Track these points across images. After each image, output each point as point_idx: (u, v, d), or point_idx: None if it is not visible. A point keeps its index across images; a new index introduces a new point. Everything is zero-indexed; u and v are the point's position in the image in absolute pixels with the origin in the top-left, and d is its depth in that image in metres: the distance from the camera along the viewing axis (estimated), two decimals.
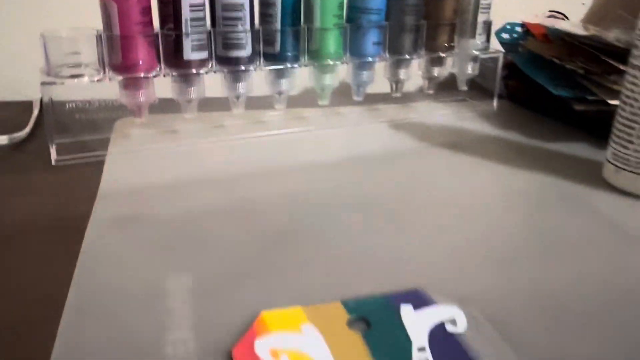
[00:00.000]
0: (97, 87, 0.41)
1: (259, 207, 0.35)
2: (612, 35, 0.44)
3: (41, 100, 0.51)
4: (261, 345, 0.23)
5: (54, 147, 0.40)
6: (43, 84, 0.38)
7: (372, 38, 0.47)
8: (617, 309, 0.26)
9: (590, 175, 0.40)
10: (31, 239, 0.31)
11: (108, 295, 0.26)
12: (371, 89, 0.51)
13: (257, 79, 0.46)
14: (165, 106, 0.45)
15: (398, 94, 0.52)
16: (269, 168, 0.41)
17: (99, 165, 0.40)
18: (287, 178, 0.39)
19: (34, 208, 0.34)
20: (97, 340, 0.23)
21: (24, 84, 0.54)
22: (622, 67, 0.42)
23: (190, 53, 0.41)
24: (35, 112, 0.49)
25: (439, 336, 0.24)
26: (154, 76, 0.41)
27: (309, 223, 0.33)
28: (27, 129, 0.46)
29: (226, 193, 0.37)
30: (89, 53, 0.40)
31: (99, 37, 0.39)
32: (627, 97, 0.37)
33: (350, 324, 0.24)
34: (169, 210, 0.34)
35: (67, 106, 0.43)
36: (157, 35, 0.41)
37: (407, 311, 0.25)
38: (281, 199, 0.36)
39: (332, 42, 0.46)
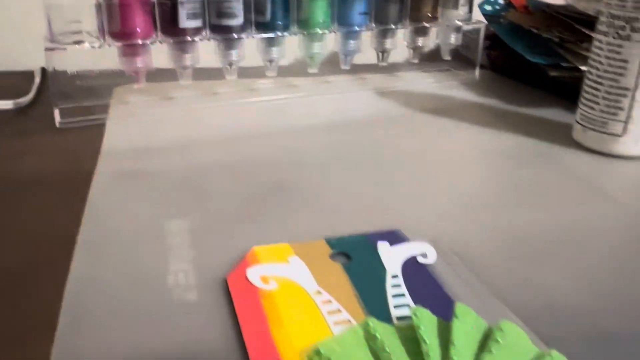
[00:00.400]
0: (97, 54, 0.43)
1: (252, 164, 0.38)
2: (582, 4, 0.46)
3: (43, 69, 0.53)
4: (252, 273, 0.25)
5: (57, 110, 0.43)
6: (47, 49, 0.40)
7: (358, 8, 0.49)
8: (575, 247, 0.29)
9: (562, 136, 0.43)
10: (41, 192, 0.34)
11: (114, 236, 0.29)
12: (359, 60, 0.54)
13: (249, 49, 0.48)
14: (162, 75, 0.47)
15: (384, 63, 0.54)
16: (261, 130, 0.43)
17: (100, 128, 0.43)
18: (278, 139, 0.42)
19: (42, 165, 0.37)
20: (106, 274, 0.26)
21: (25, 55, 0.56)
22: (592, 34, 0.45)
23: (185, 21, 0.43)
24: (37, 79, 0.52)
25: (411, 266, 0.27)
26: (151, 43, 0.44)
27: (299, 176, 0.36)
28: (31, 95, 0.48)
29: (222, 152, 0.39)
30: (89, 21, 0.42)
31: (98, 6, 0.42)
32: (594, 60, 0.39)
33: (333, 257, 0.27)
34: (168, 166, 0.37)
35: (69, 73, 0.46)
36: (153, 4, 0.43)
37: (383, 246, 0.28)
38: (273, 157, 0.39)
39: (320, 11, 0.48)
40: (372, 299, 0.24)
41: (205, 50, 0.47)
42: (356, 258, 0.27)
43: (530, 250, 0.29)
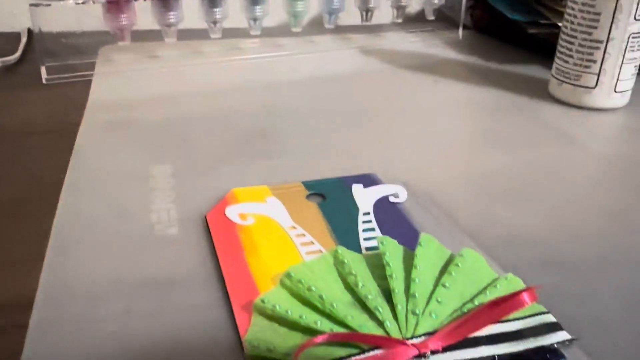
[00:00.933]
0: (82, 13, 0.44)
1: (235, 115, 0.39)
2: None
3: (29, 30, 0.53)
4: (231, 211, 0.27)
5: (44, 67, 0.43)
6: (31, 5, 0.41)
7: None
8: (540, 186, 0.30)
9: (539, 90, 0.44)
10: (30, 140, 0.35)
11: (100, 178, 0.30)
12: (343, 21, 0.54)
13: (234, 10, 0.49)
14: (147, 36, 0.48)
15: (368, 23, 0.55)
16: (245, 85, 0.44)
17: (86, 83, 0.43)
18: (262, 93, 0.43)
19: (30, 117, 0.38)
20: (92, 210, 0.27)
21: (11, 17, 0.56)
22: None
23: None
24: (24, 40, 0.52)
25: (383, 205, 0.28)
26: (135, 0, 0.44)
27: (279, 126, 0.37)
28: (18, 54, 0.48)
29: (206, 104, 0.40)
30: None
31: None
32: (569, 15, 0.40)
33: (308, 197, 0.29)
34: (154, 117, 0.38)
35: (54, 32, 0.46)
36: None
37: (357, 188, 0.29)
38: (255, 109, 0.40)
39: None
40: (344, 233, 0.26)
41: (190, 12, 0.47)
42: (331, 198, 0.28)
43: (498, 189, 0.30)
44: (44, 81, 0.43)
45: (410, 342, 0.19)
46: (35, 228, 0.26)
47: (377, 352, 0.19)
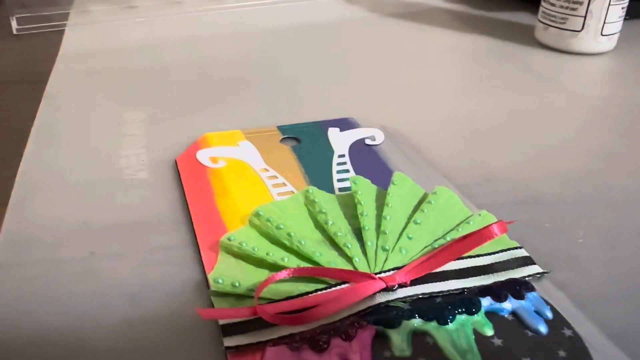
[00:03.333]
0: None
1: (213, 63, 0.37)
2: None
3: None
4: (202, 154, 0.26)
5: (14, 18, 0.42)
6: None
7: None
8: (520, 129, 0.30)
9: (526, 37, 0.43)
10: (1, 87, 0.34)
11: (70, 123, 0.29)
12: None
13: None
14: None
15: None
16: (225, 34, 0.43)
17: (59, 34, 0.42)
18: (241, 42, 0.42)
19: (1, 66, 0.37)
20: (60, 155, 0.27)
21: None
22: None
23: None
24: None
25: (359, 148, 0.27)
26: None
27: (259, 73, 0.36)
28: None
29: (183, 53, 0.39)
30: None
31: None
32: None
33: (283, 141, 0.28)
34: (128, 67, 0.37)
35: None
36: None
37: (333, 131, 0.29)
38: (235, 57, 0.39)
39: None
40: (317, 175, 0.25)
41: None
42: (305, 141, 0.28)
43: (479, 132, 0.29)
44: (14, 32, 0.42)
45: (377, 276, 0.18)
46: (1, 174, 0.25)
47: (344, 286, 0.18)
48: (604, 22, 0.38)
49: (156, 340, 0.17)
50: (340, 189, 0.24)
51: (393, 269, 0.19)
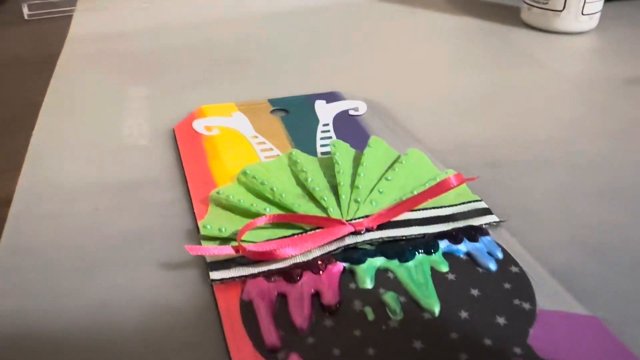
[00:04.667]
0: None
1: (213, 45, 0.40)
2: None
3: None
4: (197, 123, 0.29)
5: (25, 5, 0.45)
6: None
7: None
8: (499, 103, 0.32)
9: (512, 17, 0.45)
10: (12, 71, 0.36)
11: (77, 99, 0.32)
12: None
13: None
14: None
15: None
16: (225, 19, 0.45)
17: (67, 19, 0.45)
18: (239, 26, 0.44)
19: (13, 51, 0.39)
20: (68, 125, 0.29)
21: None
22: None
23: None
24: None
25: (342, 118, 0.30)
26: None
27: (255, 53, 0.38)
28: None
29: (185, 36, 0.41)
30: None
31: None
32: None
33: (273, 112, 0.30)
34: (132, 48, 0.39)
35: None
36: None
37: (320, 103, 0.31)
38: (233, 39, 0.41)
39: None
40: (302, 141, 0.27)
41: None
42: (294, 112, 0.30)
43: (456, 105, 0.32)
44: (25, 17, 0.44)
45: (348, 222, 0.21)
46: (16, 144, 0.28)
47: (318, 230, 0.20)
48: (585, 2, 0.40)
49: (151, 276, 0.19)
50: (322, 153, 0.26)
51: (363, 217, 0.21)
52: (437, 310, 0.18)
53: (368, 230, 0.20)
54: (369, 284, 0.19)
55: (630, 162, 0.26)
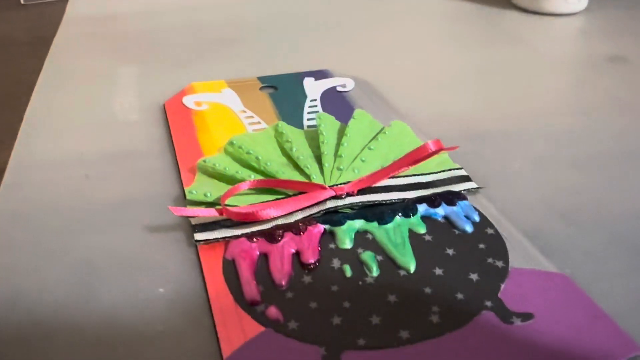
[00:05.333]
0: None
1: (202, 26, 0.40)
2: None
3: None
4: (188, 99, 0.29)
5: None
6: None
7: None
8: (482, 79, 0.32)
9: (503, 1, 0.46)
10: (9, 51, 0.37)
11: (70, 77, 0.32)
12: None
13: None
14: None
15: None
16: (217, 2, 0.46)
17: (63, 3, 0.45)
18: (231, 8, 0.44)
19: (10, 33, 0.40)
20: (61, 100, 0.30)
21: None
22: None
23: None
24: None
25: (330, 94, 0.30)
26: None
27: (244, 33, 0.39)
28: None
29: (179, 18, 0.42)
30: None
31: None
32: None
33: (262, 89, 0.31)
34: (125, 30, 0.40)
35: None
36: None
37: (309, 80, 0.31)
38: (225, 21, 0.41)
39: None
40: (290, 116, 0.28)
41: None
42: (282, 89, 0.31)
43: (441, 81, 0.32)
44: (22, 1, 0.45)
45: (329, 187, 0.21)
46: (11, 118, 0.29)
47: (300, 195, 0.21)
48: None
49: (137, 237, 0.20)
50: (309, 126, 0.27)
51: (345, 183, 0.22)
52: (412, 267, 0.18)
53: (349, 195, 0.21)
54: (348, 245, 0.19)
55: (603, 133, 0.27)
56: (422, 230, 0.20)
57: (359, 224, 0.20)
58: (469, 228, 0.20)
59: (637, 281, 0.18)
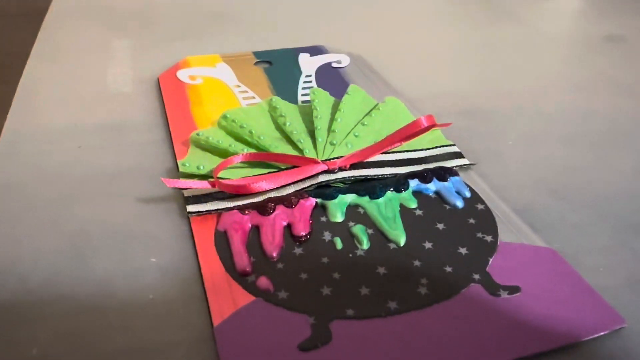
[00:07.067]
0: None
1: (200, 1, 0.40)
2: None
3: None
4: (182, 73, 0.29)
5: None
6: None
7: None
8: (477, 56, 0.32)
9: None
10: (2, 22, 0.37)
11: (63, 50, 0.32)
12: None
13: None
14: None
15: None
16: None
17: None
18: None
19: (2, 3, 0.40)
20: (54, 73, 0.30)
21: None
22: None
23: None
24: None
25: (325, 69, 0.30)
26: None
27: (241, 9, 0.39)
28: None
29: None
30: None
31: None
32: None
33: (257, 64, 0.31)
34: (120, 4, 0.39)
35: None
36: None
37: (304, 56, 0.31)
38: None
39: None
40: (285, 91, 0.28)
41: None
42: (277, 64, 0.30)
43: (436, 59, 0.32)
44: None
45: (322, 161, 0.21)
46: (4, 89, 0.28)
47: (292, 169, 0.21)
48: None
49: (130, 208, 0.20)
50: (303, 102, 0.27)
51: (337, 158, 0.22)
52: (402, 241, 0.19)
53: (341, 169, 0.21)
54: (339, 218, 0.19)
55: (595, 111, 0.27)
56: (413, 205, 0.20)
57: (350, 198, 0.20)
58: (459, 203, 0.20)
59: (624, 256, 0.18)
